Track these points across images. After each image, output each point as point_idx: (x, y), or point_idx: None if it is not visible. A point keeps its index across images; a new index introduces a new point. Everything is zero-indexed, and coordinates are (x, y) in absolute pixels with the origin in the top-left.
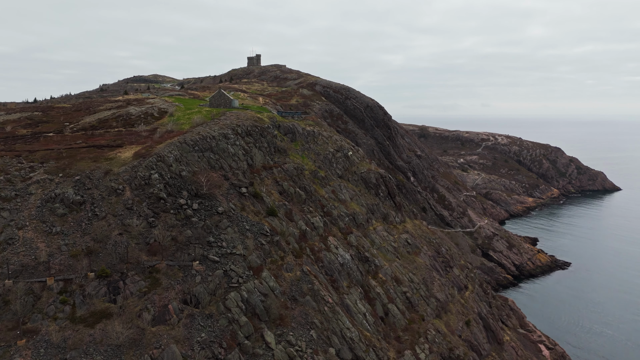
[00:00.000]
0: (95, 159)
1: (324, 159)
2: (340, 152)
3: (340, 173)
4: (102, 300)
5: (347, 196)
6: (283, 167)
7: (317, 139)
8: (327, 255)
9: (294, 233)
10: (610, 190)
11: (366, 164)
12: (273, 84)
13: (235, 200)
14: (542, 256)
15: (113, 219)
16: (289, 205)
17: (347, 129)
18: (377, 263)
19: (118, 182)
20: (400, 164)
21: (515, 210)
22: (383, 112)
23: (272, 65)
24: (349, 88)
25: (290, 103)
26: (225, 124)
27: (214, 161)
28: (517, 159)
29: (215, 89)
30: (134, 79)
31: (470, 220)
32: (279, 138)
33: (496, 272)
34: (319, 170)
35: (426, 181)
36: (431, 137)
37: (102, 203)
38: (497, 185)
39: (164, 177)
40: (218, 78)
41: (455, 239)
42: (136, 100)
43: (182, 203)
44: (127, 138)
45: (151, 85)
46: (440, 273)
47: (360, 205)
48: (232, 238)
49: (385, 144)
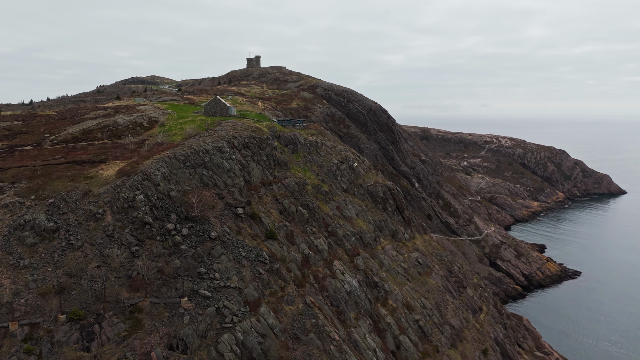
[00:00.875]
0: (74, 177)
1: (328, 172)
2: (345, 163)
3: (345, 187)
4: (73, 348)
5: (353, 212)
6: (283, 182)
7: (320, 149)
8: (333, 282)
9: (296, 258)
10: (615, 193)
11: (372, 175)
12: (273, 87)
13: (230, 222)
14: (552, 265)
15: (90, 249)
16: (290, 226)
17: (349, 134)
18: (386, 288)
19: (98, 204)
20: (404, 170)
21: (520, 215)
22: (386, 115)
23: (272, 67)
24: (351, 91)
25: (291, 107)
26: (221, 136)
27: (207, 178)
28: (521, 162)
29: (214, 92)
30: (131, 80)
31: (477, 228)
32: (279, 150)
33: (505, 283)
34: (322, 185)
35: (431, 187)
36: (433, 139)
37: (78, 230)
38: (502, 189)
39: (150, 198)
40: (217, 80)
41: (461, 247)
42: (126, 107)
43: (170, 228)
44: (112, 152)
45: (148, 87)
46: (453, 295)
47: (367, 222)
48: (226, 268)
49: (389, 149)
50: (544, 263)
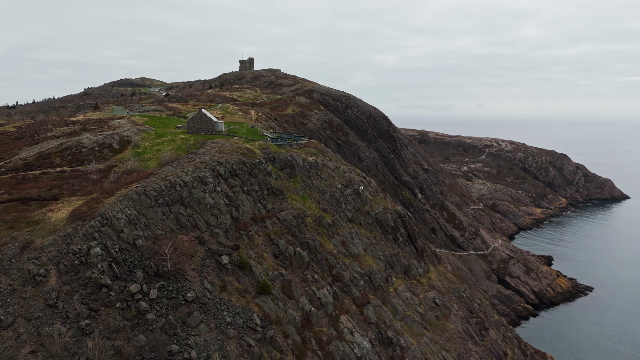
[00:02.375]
0: (14, 222)
1: (331, 199)
2: (350, 187)
3: (350, 215)
4: None
5: (361, 247)
6: (279, 215)
7: (321, 172)
8: (340, 347)
9: (295, 318)
10: (618, 198)
11: (381, 200)
12: (267, 91)
13: (212, 276)
14: (562, 281)
15: (25, 327)
16: (287, 275)
17: (348, 142)
18: (402, 344)
19: (40, 262)
20: (406, 180)
21: (524, 223)
22: (387, 122)
23: (266, 70)
24: (350, 96)
25: (286, 113)
26: (204, 162)
27: (185, 218)
28: (522, 167)
29: (204, 97)
30: (120, 82)
31: (484, 242)
32: (273, 175)
33: (514, 302)
34: (324, 215)
35: (434, 198)
36: (432, 142)
37: (11, 299)
38: (504, 196)
39: (109, 250)
40: (208, 83)
41: (468, 263)
42: (98, 122)
43: (134, 291)
44: (69, 184)
45: (137, 90)
46: (475, 341)
47: (377, 258)
48: (205, 342)
49: (390, 158)
50: (554, 279)
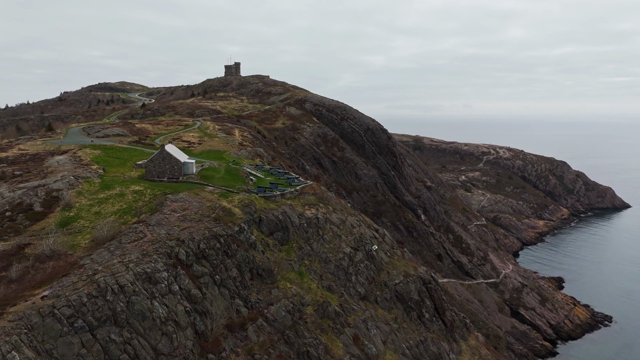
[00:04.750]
0: None
1: (337, 270)
2: (361, 249)
3: (363, 291)
4: None
5: (379, 340)
6: (267, 313)
7: (324, 230)
8: None
9: None
10: (619, 207)
11: (399, 260)
12: (254, 100)
13: None
14: (580, 311)
15: None
16: None
17: (344, 158)
18: None
19: None
20: (408, 200)
21: (527, 237)
22: (387, 136)
23: (253, 77)
24: (345, 106)
25: (276, 127)
26: (157, 240)
27: (118, 347)
28: (521, 175)
29: (183, 109)
30: (99, 86)
31: (494, 268)
32: (259, 246)
33: (531, 339)
34: (329, 298)
35: (439, 219)
36: (427, 149)
37: None
38: (505, 207)
39: None
40: (190, 90)
41: (478, 294)
42: (30, 161)
43: None
44: None
45: (115, 95)
46: None
47: (401, 353)
48: None
49: (390, 175)
50: (571, 309)
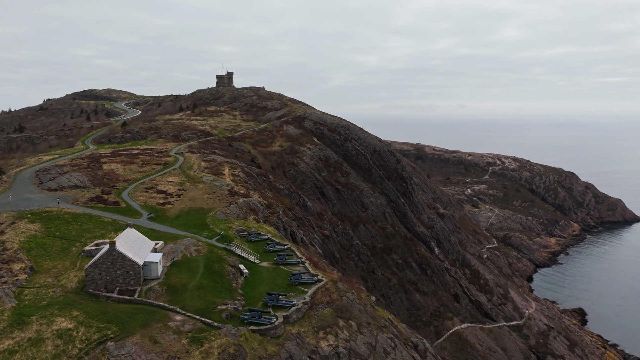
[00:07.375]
0: None
1: None
2: None
3: None
4: None
5: None
6: None
7: None
8: None
9: None
10: (630, 221)
11: None
12: (248, 116)
13: None
14: (612, 355)
15: None
16: None
17: (348, 184)
18: None
19: None
20: (420, 231)
21: (540, 258)
22: (395, 159)
23: (247, 88)
24: (349, 125)
25: (272, 150)
26: None
27: None
28: (529, 187)
29: (169, 130)
30: (83, 94)
31: (516, 308)
32: None
33: None
34: None
35: (454, 251)
36: (429, 159)
37: None
38: (514, 224)
39: None
40: (179, 102)
41: (500, 340)
42: None
43: None
44: None
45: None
46: None
47: None
48: None
49: (400, 203)
50: (602, 353)
